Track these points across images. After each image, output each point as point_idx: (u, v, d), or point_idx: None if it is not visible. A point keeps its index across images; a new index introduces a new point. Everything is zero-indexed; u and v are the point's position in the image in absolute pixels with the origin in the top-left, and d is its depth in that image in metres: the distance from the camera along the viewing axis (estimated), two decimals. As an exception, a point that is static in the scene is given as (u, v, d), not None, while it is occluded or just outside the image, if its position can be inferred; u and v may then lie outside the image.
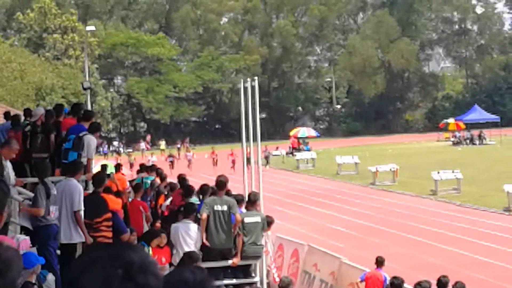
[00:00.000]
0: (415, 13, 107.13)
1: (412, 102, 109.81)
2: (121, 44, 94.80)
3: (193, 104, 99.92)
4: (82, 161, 12.26)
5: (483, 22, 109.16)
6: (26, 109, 16.78)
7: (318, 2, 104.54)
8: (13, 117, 15.92)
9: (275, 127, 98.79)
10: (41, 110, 15.20)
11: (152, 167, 20.64)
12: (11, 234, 9.78)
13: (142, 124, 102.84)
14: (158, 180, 18.34)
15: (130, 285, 1.95)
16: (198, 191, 14.81)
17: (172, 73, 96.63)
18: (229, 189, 14.08)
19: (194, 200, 14.03)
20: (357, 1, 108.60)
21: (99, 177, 12.10)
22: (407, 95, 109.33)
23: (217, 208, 12.70)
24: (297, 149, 65.19)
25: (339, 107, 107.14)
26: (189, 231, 12.35)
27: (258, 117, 16.60)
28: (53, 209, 10.49)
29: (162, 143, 72.71)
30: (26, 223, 10.62)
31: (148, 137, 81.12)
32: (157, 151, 65.98)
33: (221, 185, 12.99)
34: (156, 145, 77.19)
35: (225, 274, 13.01)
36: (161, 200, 16.53)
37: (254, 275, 13.53)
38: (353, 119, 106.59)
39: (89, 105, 38.83)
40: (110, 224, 11.36)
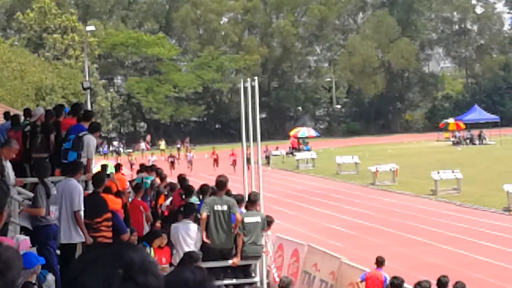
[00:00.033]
0: (415, 13, 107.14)
1: (412, 102, 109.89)
2: (121, 44, 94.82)
3: (193, 104, 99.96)
4: (82, 161, 12.25)
5: (483, 22, 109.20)
6: (26, 109, 16.77)
7: (318, 2, 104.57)
8: (13, 117, 15.91)
9: (275, 127, 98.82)
10: (40, 110, 15.18)
11: (152, 167, 20.64)
12: (11, 234, 9.77)
13: (142, 124, 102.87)
14: (158, 180, 18.35)
15: (130, 285, 1.94)
16: (198, 191, 14.82)
17: (172, 73, 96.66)
18: (229, 189, 14.08)
19: (194, 200, 14.03)
20: (357, 1, 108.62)
21: (99, 177, 12.09)
22: (407, 95, 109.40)
23: (217, 208, 12.70)
24: (297, 149, 65.20)
25: (339, 107, 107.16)
26: (189, 231, 12.35)
27: (258, 117, 16.59)
28: (53, 209, 10.49)
29: (162, 143, 72.70)
30: (26, 223, 10.61)
31: (148, 137, 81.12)
32: (157, 151, 65.97)
33: (221, 185, 12.99)
34: (156, 145, 77.18)
35: (225, 274, 13.00)
36: (161, 200, 16.54)
37: (254, 275, 13.53)
38: (353, 119, 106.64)
39: (89, 105, 38.81)
40: (110, 224, 11.35)
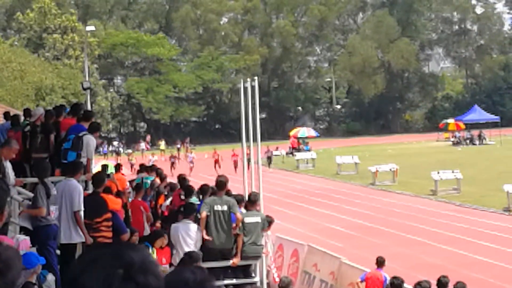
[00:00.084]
0: (415, 13, 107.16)
1: (412, 102, 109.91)
2: (121, 44, 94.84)
3: (193, 104, 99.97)
4: (81, 161, 12.25)
5: (483, 22, 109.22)
6: (25, 109, 16.76)
7: (318, 2, 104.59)
8: (13, 117, 15.91)
9: (275, 127, 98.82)
10: (40, 110, 15.18)
11: (152, 167, 20.63)
12: (11, 234, 9.77)
13: (142, 124, 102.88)
14: (158, 180, 18.35)
15: (130, 285, 1.94)
16: (198, 191, 14.82)
17: (172, 73, 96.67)
18: (229, 189, 14.08)
19: (193, 200, 14.04)
20: (357, 1, 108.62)
21: (99, 177, 12.08)
22: (407, 95, 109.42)
23: (217, 208, 12.69)
24: (297, 149, 65.19)
25: (339, 107, 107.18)
26: (189, 231, 12.35)
27: (258, 117, 16.59)
28: (53, 209, 10.49)
29: (162, 143, 72.68)
30: (26, 223, 10.61)
31: (148, 137, 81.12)
32: (156, 151, 65.97)
33: (221, 185, 12.98)
34: (156, 145, 77.18)
35: (225, 274, 13.00)
36: (161, 200, 16.53)
37: (254, 275, 13.53)
38: (353, 119, 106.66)
39: (89, 105, 38.80)
40: (110, 224, 11.35)
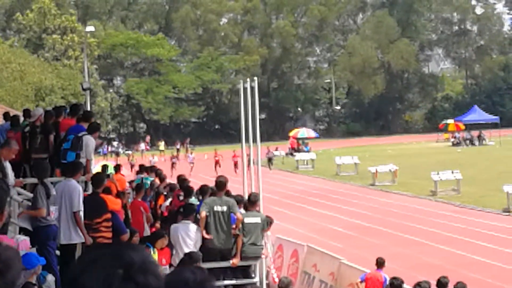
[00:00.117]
0: (414, 13, 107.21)
1: (411, 102, 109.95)
2: (121, 44, 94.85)
3: (193, 104, 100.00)
4: (81, 162, 12.25)
5: (482, 22, 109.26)
6: (25, 110, 16.76)
7: (317, 2, 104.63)
8: (13, 117, 15.92)
9: (274, 128, 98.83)
10: (40, 110, 15.18)
11: (151, 167, 20.65)
12: (11, 234, 9.77)
13: (141, 125, 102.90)
14: (157, 180, 18.37)
15: (130, 285, 1.94)
16: (197, 191, 14.83)
17: (171, 74, 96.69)
18: (229, 189, 14.08)
19: (192, 200, 14.04)
20: (357, 2, 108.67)
21: (98, 178, 12.08)
22: (406, 95, 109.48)
23: (216, 208, 12.69)
24: (296, 150, 65.19)
25: (338, 107, 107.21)
26: (188, 231, 12.35)
27: (257, 117, 16.60)
28: (52, 209, 10.49)
29: (161, 144, 72.70)
30: (26, 224, 10.61)
31: (147, 138, 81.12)
32: (156, 152, 65.97)
33: (220, 185, 12.98)
34: (155, 146, 77.18)
35: (225, 274, 13.00)
36: (160, 200, 16.55)
37: (253, 276, 13.53)
38: (352, 119, 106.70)
39: (89, 105, 38.79)
40: (109, 224, 11.35)
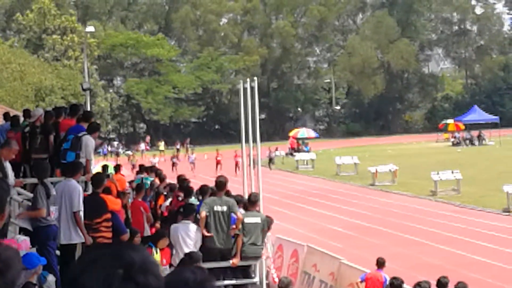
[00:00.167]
0: (414, 13, 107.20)
1: (411, 102, 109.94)
2: (121, 45, 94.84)
3: (193, 105, 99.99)
4: (81, 162, 12.26)
5: (482, 22, 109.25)
6: (25, 110, 16.77)
7: (317, 2, 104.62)
8: (13, 118, 15.94)
9: (274, 128, 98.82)
10: (39, 111, 15.19)
11: (151, 167, 20.67)
12: (11, 234, 9.77)
13: (141, 125, 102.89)
14: (157, 180, 18.38)
15: (130, 285, 1.94)
16: (197, 191, 14.84)
17: (171, 74, 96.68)
18: (229, 189, 14.09)
19: (192, 200, 14.05)
20: (357, 2, 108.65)
21: (98, 178, 12.09)
22: (406, 95, 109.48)
23: (216, 208, 12.69)
24: (296, 150, 65.18)
25: (338, 107, 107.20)
26: (188, 231, 12.36)
27: (257, 118, 16.61)
28: (52, 209, 10.50)
29: (161, 144, 72.66)
30: (26, 224, 10.62)
31: (147, 138, 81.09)
32: (156, 152, 65.92)
33: (220, 185, 12.99)
34: (155, 146, 77.16)
35: (225, 274, 13.00)
36: (160, 200, 16.56)
37: (253, 276, 13.53)
38: (352, 119, 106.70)
39: (89, 106, 38.80)
40: (109, 224, 11.36)
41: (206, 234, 12.52)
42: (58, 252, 10.83)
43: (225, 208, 12.72)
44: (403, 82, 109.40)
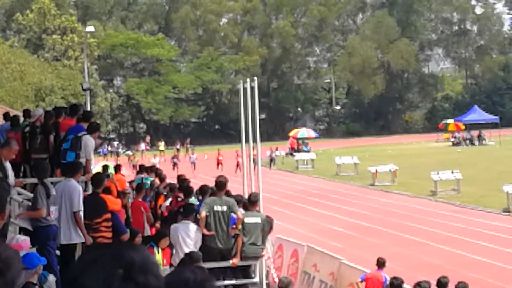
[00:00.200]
0: (414, 13, 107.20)
1: (411, 102, 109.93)
2: (121, 45, 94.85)
3: (193, 105, 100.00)
4: (81, 162, 12.25)
5: (482, 22, 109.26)
6: (25, 110, 16.77)
7: (317, 2, 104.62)
8: (13, 118, 15.93)
9: (274, 128, 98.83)
10: (39, 111, 15.19)
11: (151, 167, 20.67)
12: (11, 234, 9.77)
13: (141, 125, 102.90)
14: (157, 180, 18.39)
15: (130, 285, 1.94)
16: (197, 191, 14.83)
17: (171, 74, 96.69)
18: (229, 189, 14.09)
19: (192, 200, 14.05)
20: (357, 2, 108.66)
21: (98, 178, 12.09)
22: (406, 95, 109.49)
23: (216, 208, 12.69)
24: (296, 150, 65.18)
25: (338, 107, 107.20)
26: (188, 231, 12.35)
27: (257, 117, 16.61)
28: (53, 209, 10.49)
29: (161, 144, 72.63)
30: (26, 224, 10.62)
31: (147, 138, 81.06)
32: (156, 152, 65.90)
33: (220, 185, 12.98)
34: (155, 146, 77.14)
35: (225, 274, 13.00)
36: (160, 200, 16.56)
37: (253, 276, 13.52)
38: (352, 119, 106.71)
39: (89, 106, 38.80)
40: (109, 224, 11.35)
41: (206, 233, 12.52)
42: (58, 252, 10.83)
43: (225, 208, 12.72)
44: (403, 82, 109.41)
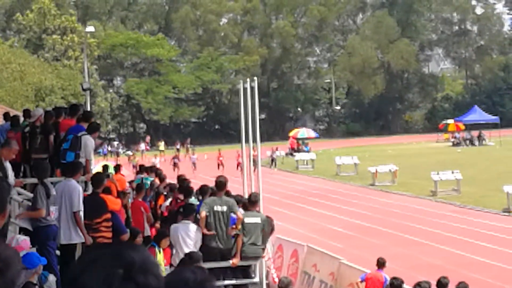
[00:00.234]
0: (414, 13, 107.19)
1: (411, 103, 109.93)
2: (121, 45, 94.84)
3: (193, 105, 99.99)
4: (81, 162, 12.26)
5: (482, 22, 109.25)
6: (25, 110, 16.77)
7: (317, 2, 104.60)
8: (13, 118, 15.94)
9: (274, 128, 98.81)
10: (39, 111, 15.19)
11: (151, 168, 20.67)
12: (11, 234, 9.77)
13: (141, 125, 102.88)
14: (157, 180, 18.38)
15: (130, 285, 1.94)
16: (197, 191, 14.83)
17: (171, 74, 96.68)
18: (229, 189, 14.09)
19: (193, 200, 14.05)
20: (357, 2, 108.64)
21: (98, 178, 12.09)
22: (406, 95, 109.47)
23: (216, 208, 12.69)
24: (296, 150, 65.18)
25: (338, 108, 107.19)
26: (188, 231, 12.35)
27: (257, 118, 16.61)
28: (52, 209, 10.50)
29: (161, 144, 72.62)
30: (26, 224, 10.62)
31: (147, 138, 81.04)
32: (156, 152, 65.91)
33: (220, 185, 12.98)
34: (155, 146, 77.13)
35: (225, 274, 13.00)
36: (160, 200, 16.56)
37: (253, 276, 13.52)
38: (352, 120, 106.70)
39: (89, 106, 38.80)
40: (109, 224, 11.36)
41: (207, 232, 12.52)
42: (58, 252, 10.83)
43: (225, 208, 12.72)
44: (403, 82, 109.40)
